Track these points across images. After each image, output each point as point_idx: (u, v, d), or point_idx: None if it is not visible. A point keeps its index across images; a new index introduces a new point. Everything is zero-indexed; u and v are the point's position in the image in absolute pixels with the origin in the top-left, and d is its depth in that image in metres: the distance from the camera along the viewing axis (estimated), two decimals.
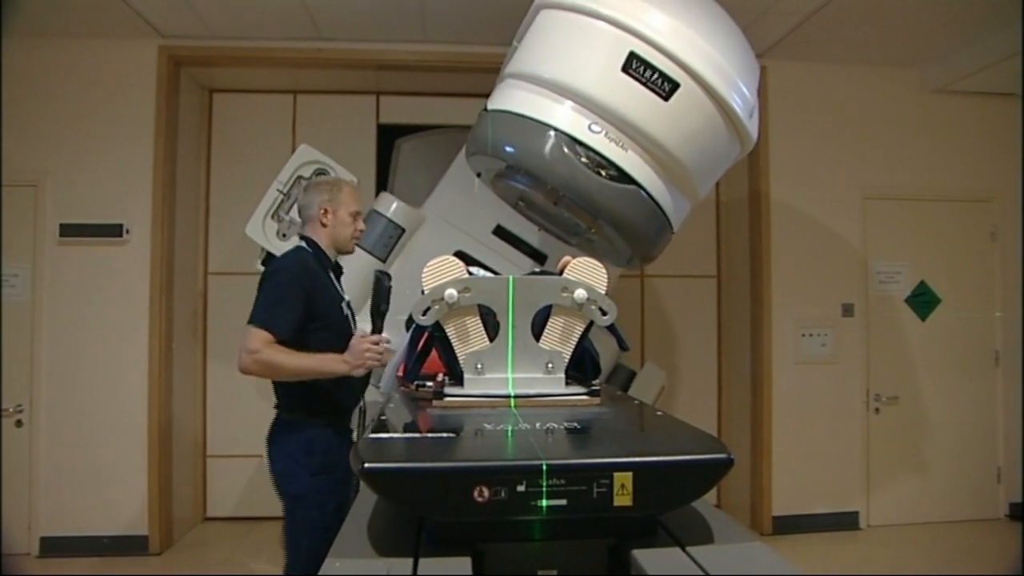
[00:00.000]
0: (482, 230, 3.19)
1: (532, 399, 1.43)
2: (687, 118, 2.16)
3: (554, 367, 1.47)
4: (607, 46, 2.13)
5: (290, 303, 2.07)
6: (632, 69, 2.10)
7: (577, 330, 1.48)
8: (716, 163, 2.39)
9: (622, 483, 0.99)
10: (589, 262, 1.51)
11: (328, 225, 2.30)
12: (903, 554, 3.68)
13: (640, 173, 2.19)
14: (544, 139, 2.16)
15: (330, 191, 2.31)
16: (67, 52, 3.69)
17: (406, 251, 3.17)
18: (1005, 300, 4.20)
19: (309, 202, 2.33)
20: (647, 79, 2.10)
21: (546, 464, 0.98)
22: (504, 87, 2.38)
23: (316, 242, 2.30)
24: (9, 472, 3.42)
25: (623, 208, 2.20)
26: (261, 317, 2.04)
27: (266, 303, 2.08)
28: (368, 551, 1.05)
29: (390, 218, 3.14)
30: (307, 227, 2.34)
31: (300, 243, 2.33)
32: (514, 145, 2.23)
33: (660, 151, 2.18)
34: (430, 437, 1.21)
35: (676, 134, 2.16)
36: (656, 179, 2.23)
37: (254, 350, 1.99)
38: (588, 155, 2.14)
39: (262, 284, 2.15)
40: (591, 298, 1.45)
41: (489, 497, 0.96)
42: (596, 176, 2.14)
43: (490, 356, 1.45)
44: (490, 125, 2.31)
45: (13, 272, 3.63)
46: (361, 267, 2.96)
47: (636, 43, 2.10)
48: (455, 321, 1.44)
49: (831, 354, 4.04)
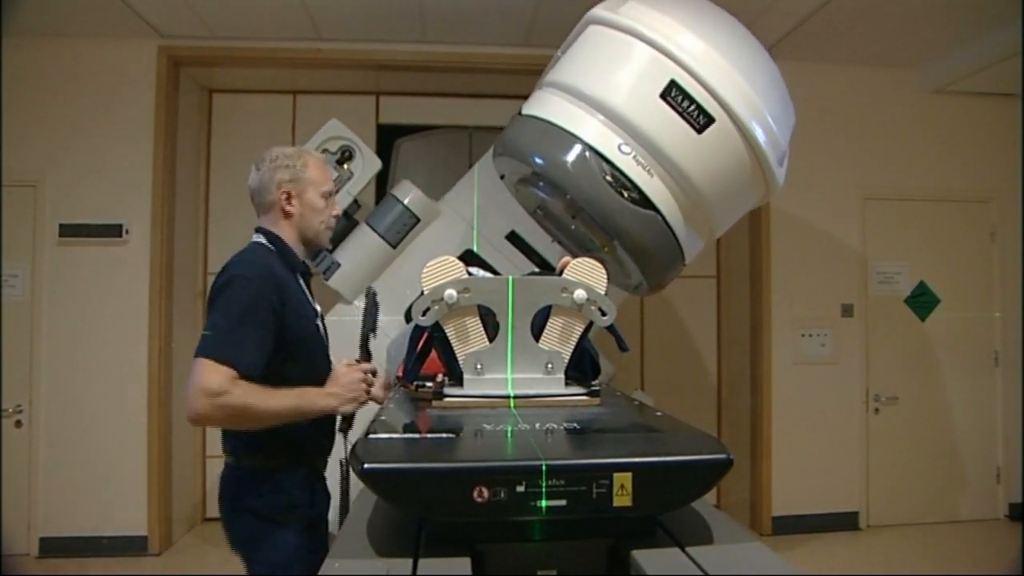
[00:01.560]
0: (496, 233, 3.18)
1: (532, 399, 1.43)
2: (717, 154, 2.17)
3: (554, 367, 1.47)
4: (649, 70, 2.14)
5: (255, 326, 1.58)
6: (670, 97, 2.11)
7: (577, 330, 1.48)
8: (737, 204, 2.41)
9: (622, 483, 0.98)
10: (589, 262, 1.51)
11: (294, 214, 1.78)
12: (903, 554, 3.68)
13: (662, 200, 2.20)
14: (572, 151, 2.17)
15: (292, 168, 1.77)
16: (67, 52, 3.68)
17: (419, 240, 3.14)
18: (1005, 300, 4.20)
19: (265, 184, 1.77)
20: (683, 109, 2.11)
21: (546, 464, 0.98)
22: (541, 94, 2.40)
23: (278, 237, 1.78)
24: (9, 472, 3.42)
25: (640, 232, 2.21)
26: (219, 347, 1.52)
27: (223, 326, 1.56)
28: (368, 551, 1.05)
29: (407, 205, 3.12)
30: (264, 217, 1.81)
31: (256, 238, 1.78)
32: (541, 152, 2.24)
33: (685, 183, 2.19)
34: (430, 437, 1.21)
35: (703, 168, 2.18)
36: (676, 209, 2.24)
37: (216, 391, 1.48)
38: (613, 174, 2.15)
39: (214, 299, 1.61)
40: (591, 298, 1.45)
41: (489, 497, 0.96)
42: (618, 196, 2.16)
43: (490, 356, 1.45)
44: (521, 129, 2.32)
45: (13, 272, 3.63)
46: (373, 250, 2.92)
47: (678, 72, 2.11)
48: (455, 321, 1.44)
49: (831, 354, 4.04)
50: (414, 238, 3.13)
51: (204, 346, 1.53)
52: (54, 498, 3.61)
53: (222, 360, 1.51)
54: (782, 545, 3.67)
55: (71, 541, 3.59)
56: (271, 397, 1.56)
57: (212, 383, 1.48)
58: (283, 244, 1.78)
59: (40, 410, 3.63)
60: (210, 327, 1.57)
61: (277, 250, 1.77)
